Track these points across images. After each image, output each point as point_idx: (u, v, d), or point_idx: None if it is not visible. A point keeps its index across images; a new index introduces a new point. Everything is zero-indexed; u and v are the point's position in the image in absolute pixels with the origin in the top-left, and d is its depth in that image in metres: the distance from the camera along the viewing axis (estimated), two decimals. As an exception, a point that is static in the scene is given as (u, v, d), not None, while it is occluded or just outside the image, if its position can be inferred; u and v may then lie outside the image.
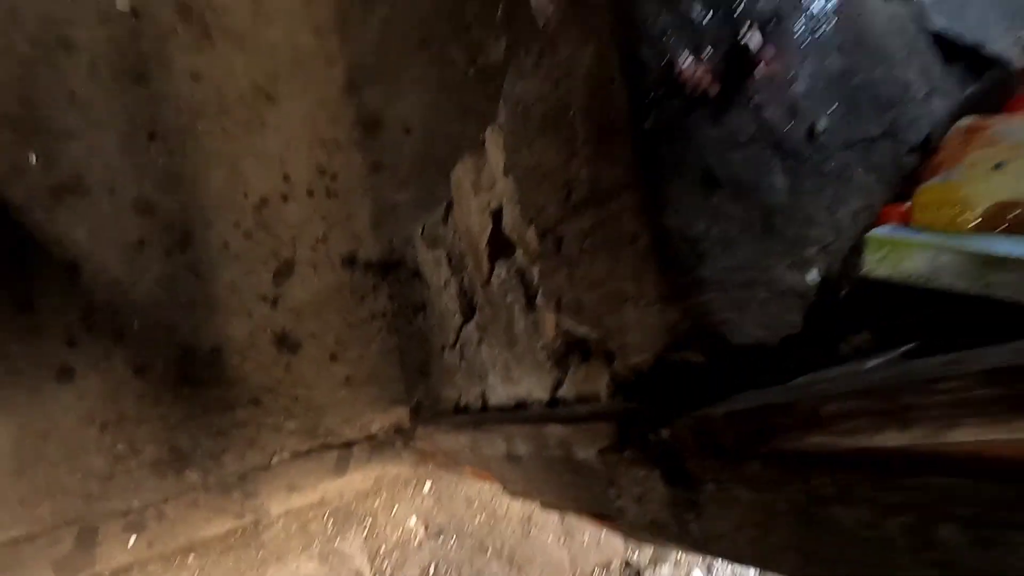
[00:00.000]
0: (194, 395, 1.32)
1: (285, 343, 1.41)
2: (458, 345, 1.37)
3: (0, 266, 1.20)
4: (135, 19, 1.39)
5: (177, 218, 1.35)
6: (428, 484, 1.61)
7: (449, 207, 1.33)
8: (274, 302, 1.41)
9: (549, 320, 0.94)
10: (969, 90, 1.04)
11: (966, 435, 0.38)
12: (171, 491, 1.28)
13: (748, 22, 0.80)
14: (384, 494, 1.55)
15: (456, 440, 1.21)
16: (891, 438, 0.42)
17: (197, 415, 1.31)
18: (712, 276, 0.67)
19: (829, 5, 0.89)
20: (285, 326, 1.41)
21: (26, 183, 1.26)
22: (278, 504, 1.38)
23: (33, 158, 1.27)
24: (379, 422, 1.47)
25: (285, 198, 1.46)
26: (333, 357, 1.44)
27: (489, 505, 1.67)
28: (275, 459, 1.36)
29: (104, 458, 1.24)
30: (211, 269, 1.37)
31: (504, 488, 1.08)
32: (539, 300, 0.98)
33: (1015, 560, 0.35)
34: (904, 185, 0.87)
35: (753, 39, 0.79)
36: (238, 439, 1.34)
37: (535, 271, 0.96)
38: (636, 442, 0.68)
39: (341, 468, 1.41)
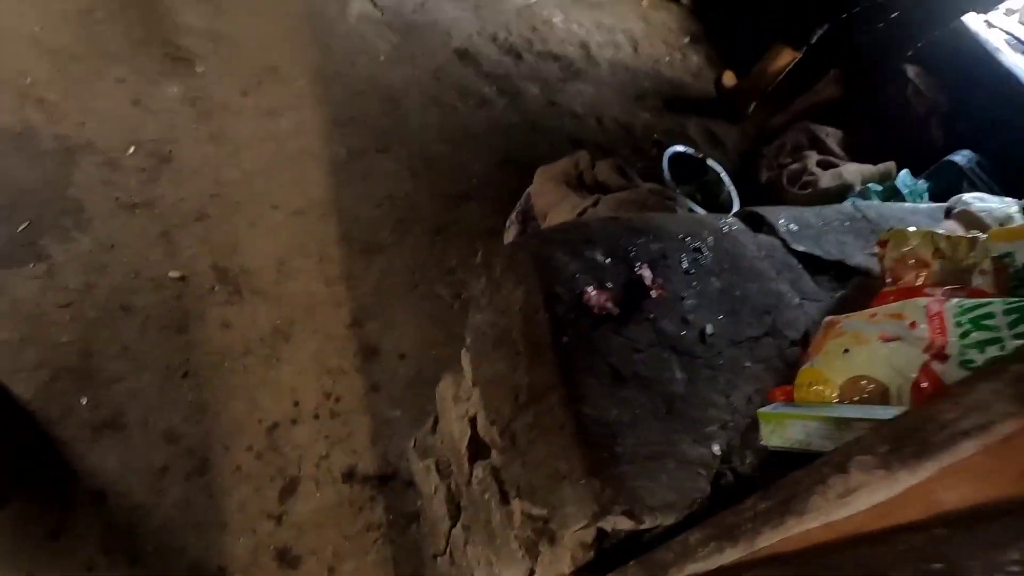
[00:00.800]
0: (196, 616, 1.38)
1: (286, 558, 1.50)
2: (448, 550, 1.46)
3: (42, 499, 1.36)
4: (182, 283, 1.74)
5: (199, 445, 1.54)
6: None
7: (436, 420, 1.52)
8: (278, 519, 1.54)
9: (516, 508, 1.08)
10: (839, 294, 1.31)
11: (766, 540, 0.54)
12: None
13: (640, 260, 1.08)
14: None
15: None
16: (728, 555, 0.57)
17: (197, 637, 1.36)
18: (625, 452, 0.85)
19: (705, 243, 1.20)
20: (287, 542, 1.52)
21: (74, 423, 1.48)
22: None
23: (84, 400, 1.51)
24: (373, 638, 1.49)
25: (294, 421, 1.66)
26: (331, 570, 1.52)
27: None
28: None
29: None
30: (224, 490, 1.52)
31: None
32: (509, 492, 1.13)
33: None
34: (791, 371, 1.08)
35: (645, 272, 1.07)
36: (234, 662, 1.37)
37: (502, 466, 1.12)
38: (579, 601, 0.79)
39: None
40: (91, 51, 2.11)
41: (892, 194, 2.46)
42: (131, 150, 1.94)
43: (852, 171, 2.66)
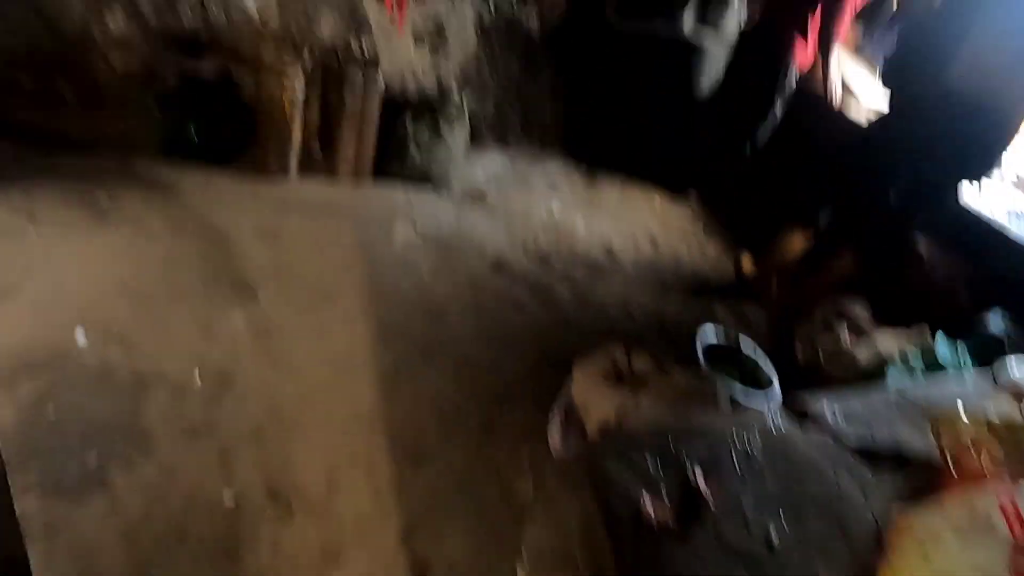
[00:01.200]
0: None
1: None
2: None
3: None
4: (236, 509, 1.77)
5: None
6: None
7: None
8: None
9: None
10: (901, 483, 1.28)
11: None
12: None
13: (692, 467, 1.10)
14: None
15: None
16: None
17: None
18: None
19: (755, 442, 1.21)
20: None
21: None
22: None
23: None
24: None
25: (342, 656, 1.56)
26: None
27: None
28: None
29: None
30: None
31: None
32: None
33: None
34: (867, 572, 1.03)
35: (699, 478, 1.08)
36: None
37: None
38: None
39: None
40: (169, 291, 2.38)
41: (932, 361, 2.45)
42: (197, 377, 2.09)
43: (886, 340, 2.68)
